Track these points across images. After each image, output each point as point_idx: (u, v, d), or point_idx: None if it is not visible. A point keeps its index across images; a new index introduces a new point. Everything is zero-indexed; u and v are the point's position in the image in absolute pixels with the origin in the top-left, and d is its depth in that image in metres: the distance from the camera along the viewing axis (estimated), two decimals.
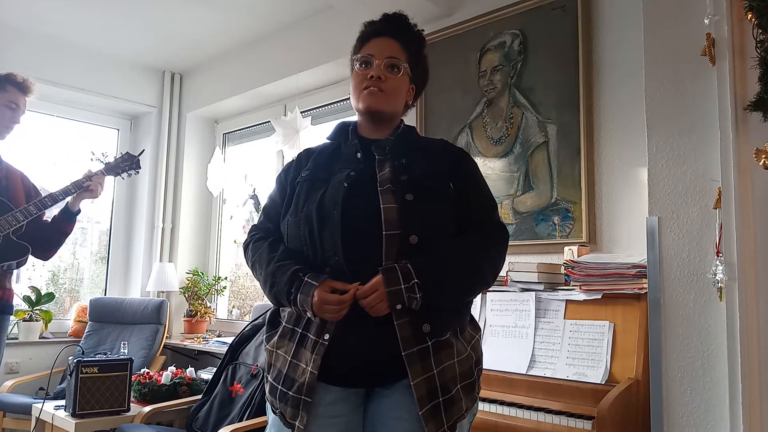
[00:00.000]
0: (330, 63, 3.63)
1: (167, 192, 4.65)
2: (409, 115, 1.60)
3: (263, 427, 2.49)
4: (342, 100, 3.89)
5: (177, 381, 3.20)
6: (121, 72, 4.53)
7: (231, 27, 3.97)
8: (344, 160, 1.43)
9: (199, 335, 4.15)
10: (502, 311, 2.28)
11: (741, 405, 1.56)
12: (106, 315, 4.08)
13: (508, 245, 1.45)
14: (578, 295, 2.09)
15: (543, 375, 2.05)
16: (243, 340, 3.03)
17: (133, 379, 3.07)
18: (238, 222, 4.59)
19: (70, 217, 2.64)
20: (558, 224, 2.62)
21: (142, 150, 3.07)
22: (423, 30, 1.54)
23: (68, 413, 2.84)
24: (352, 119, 1.53)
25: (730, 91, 1.63)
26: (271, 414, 1.38)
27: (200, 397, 2.96)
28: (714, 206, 1.67)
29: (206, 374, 3.41)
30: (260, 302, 3.75)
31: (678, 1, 1.80)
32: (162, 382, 3.16)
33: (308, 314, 1.30)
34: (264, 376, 1.51)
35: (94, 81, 4.37)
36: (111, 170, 2.76)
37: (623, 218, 2.44)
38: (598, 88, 2.56)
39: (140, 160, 2.88)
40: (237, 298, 4.63)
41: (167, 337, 4.06)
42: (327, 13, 3.67)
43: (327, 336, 1.29)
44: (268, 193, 1.54)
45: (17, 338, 3.97)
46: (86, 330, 4.05)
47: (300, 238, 1.35)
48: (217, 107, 4.55)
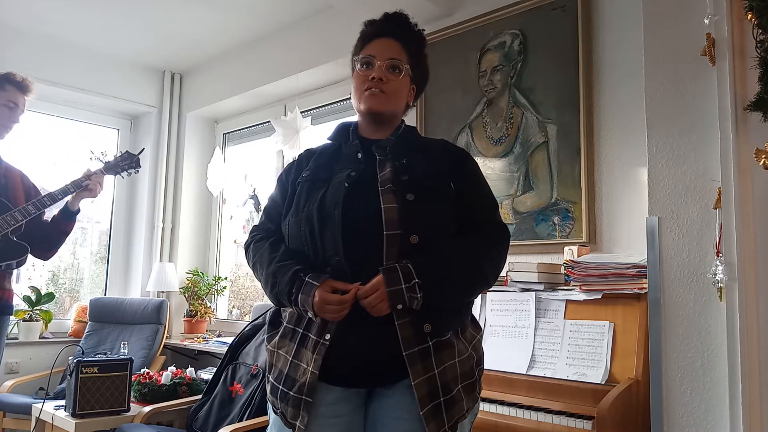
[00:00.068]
0: (330, 63, 3.64)
1: (167, 192, 4.65)
2: (410, 115, 1.60)
3: (263, 427, 2.49)
4: (342, 100, 3.88)
5: (177, 381, 3.20)
6: (121, 72, 4.53)
7: (231, 27, 3.97)
8: (345, 161, 1.43)
9: (199, 335, 4.15)
10: (502, 311, 2.28)
11: (741, 405, 1.56)
12: (106, 315, 4.08)
13: (509, 245, 1.45)
14: (578, 295, 2.09)
15: (543, 375, 2.05)
16: (243, 340, 3.03)
17: (133, 379, 3.07)
18: (238, 222, 4.59)
19: (70, 217, 2.64)
20: (558, 224, 2.62)
21: (142, 149, 3.06)
22: (423, 30, 1.54)
23: (68, 413, 2.84)
24: (353, 119, 1.53)
25: (730, 91, 1.63)
26: (272, 414, 1.38)
27: (200, 397, 2.96)
28: (714, 206, 1.67)
29: (206, 374, 3.41)
30: (260, 302, 3.75)
31: (678, 1, 1.80)
32: (162, 382, 3.16)
33: (309, 314, 1.30)
34: (265, 376, 1.51)
35: (94, 81, 4.37)
36: (110, 169, 2.75)
37: (623, 218, 2.44)
38: (598, 88, 2.56)
39: (140, 159, 2.87)
40: (237, 298, 4.63)
41: (167, 337, 4.06)
42: (327, 13, 3.67)
43: (328, 336, 1.29)
44: (269, 194, 1.54)
45: (17, 338, 3.97)
46: (86, 330, 4.05)
47: (301, 238, 1.35)
48: (217, 107, 4.55)
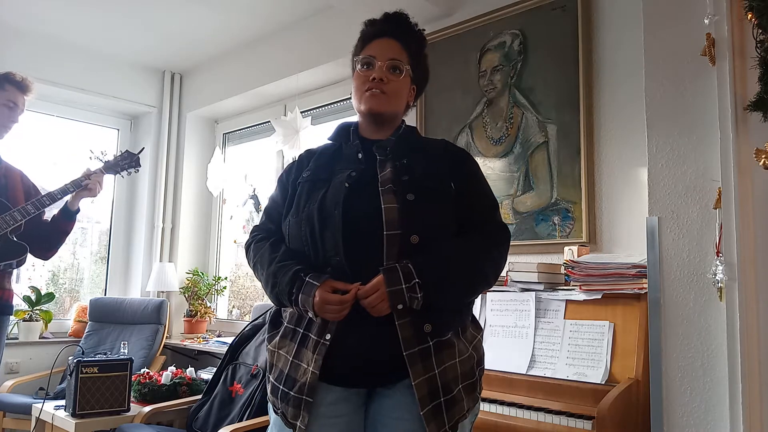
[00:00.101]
0: (330, 63, 3.63)
1: (167, 192, 4.65)
2: (410, 115, 1.60)
3: (263, 427, 2.49)
4: (342, 100, 3.88)
5: (177, 381, 3.20)
6: (121, 72, 4.53)
7: (231, 27, 3.97)
8: (345, 161, 1.43)
9: (199, 335, 4.15)
10: (502, 311, 2.28)
11: (741, 405, 1.56)
12: (106, 315, 4.08)
13: (509, 245, 1.45)
14: (578, 295, 2.09)
15: (543, 375, 2.05)
16: (243, 340, 3.03)
17: (133, 379, 3.07)
18: (238, 222, 4.59)
19: (70, 217, 2.63)
20: (558, 224, 2.62)
21: (142, 148, 3.05)
22: (424, 30, 1.54)
23: (68, 413, 2.84)
24: (353, 119, 1.53)
25: (730, 91, 1.63)
26: (273, 414, 1.38)
27: (200, 397, 2.96)
28: (714, 206, 1.67)
29: (206, 374, 3.41)
30: (260, 302, 3.75)
31: (678, 1, 1.80)
32: (162, 382, 3.16)
33: (310, 314, 1.30)
34: (265, 376, 1.51)
35: (94, 81, 4.37)
36: (110, 169, 2.74)
37: (623, 218, 2.44)
38: (598, 88, 2.56)
39: (140, 158, 2.86)
40: (237, 298, 4.63)
41: (167, 337, 4.06)
42: (327, 13, 3.67)
43: (328, 336, 1.29)
44: (270, 194, 1.54)
45: (17, 338, 3.96)
46: (86, 330, 4.05)
47: (301, 239, 1.35)
48: (217, 107, 4.55)
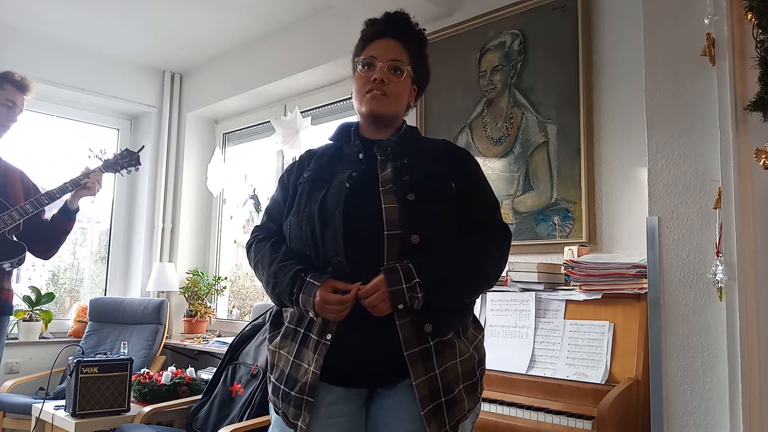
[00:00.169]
0: (330, 63, 3.63)
1: (167, 192, 4.65)
2: (410, 116, 1.60)
3: (263, 427, 2.49)
4: (342, 100, 3.89)
5: (177, 381, 3.20)
6: (121, 72, 4.53)
7: (231, 27, 3.97)
8: (346, 161, 1.43)
9: (199, 335, 4.15)
10: (502, 311, 2.28)
11: (741, 405, 1.56)
12: (106, 315, 4.08)
13: (510, 245, 1.45)
14: (578, 295, 2.09)
15: (543, 375, 2.05)
16: (243, 340, 3.03)
17: (133, 379, 3.07)
18: (238, 222, 4.59)
19: (69, 216, 2.61)
20: (558, 224, 2.62)
21: (142, 146, 3.03)
22: (425, 30, 1.54)
23: (68, 413, 2.84)
24: (352, 119, 1.53)
25: (730, 91, 1.64)
26: (274, 414, 1.38)
27: (200, 397, 2.96)
28: (714, 206, 1.67)
29: (206, 374, 3.41)
30: (260, 302, 3.75)
31: (678, 1, 1.80)
32: (162, 382, 3.16)
33: (310, 314, 1.31)
34: (266, 376, 1.51)
35: (94, 81, 4.37)
36: (109, 167, 2.72)
37: (623, 218, 2.44)
38: (598, 88, 2.56)
39: (140, 156, 2.84)
40: (237, 298, 4.63)
41: (167, 337, 4.06)
42: (327, 13, 3.67)
43: (329, 336, 1.29)
44: (271, 195, 1.54)
45: (17, 338, 3.96)
46: (86, 330, 4.05)
47: (302, 239, 1.35)
48: (217, 107, 4.55)
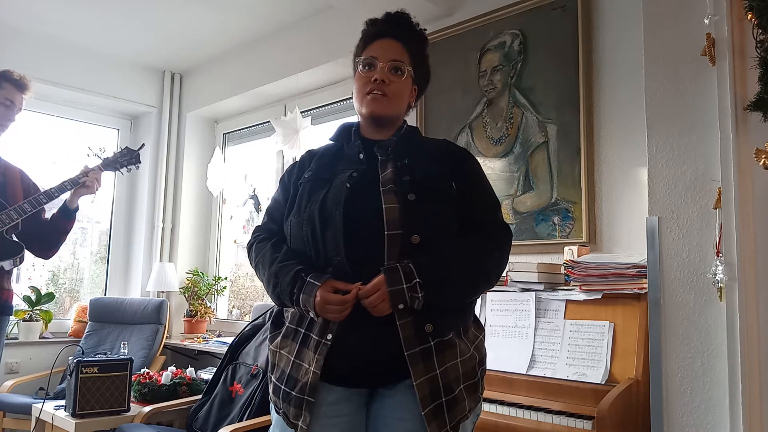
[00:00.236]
0: (330, 63, 3.63)
1: (167, 192, 4.65)
2: (410, 116, 1.59)
3: (263, 427, 2.49)
4: (342, 100, 3.89)
5: (177, 381, 3.20)
6: (121, 72, 4.53)
7: (231, 27, 3.97)
8: (347, 161, 1.43)
9: (199, 335, 4.15)
10: (502, 311, 2.28)
11: (741, 405, 1.56)
12: (106, 315, 4.08)
13: (511, 245, 1.45)
14: (578, 295, 2.09)
15: (543, 375, 2.05)
16: (243, 340, 3.03)
17: (133, 379, 3.07)
18: (238, 222, 4.59)
19: (69, 215, 2.59)
20: (558, 224, 2.62)
21: (142, 144, 3.01)
22: (425, 30, 1.54)
23: (68, 413, 2.84)
24: (353, 119, 1.53)
25: (730, 91, 1.64)
26: (275, 414, 1.38)
27: (200, 397, 2.96)
28: (714, 206, 1.67)
29: (206, 374, 3.41)
30: (260, 302, 3.75)
31: (678, 1, 1.80)
32: (162, 382, 3.17)
33: (311, 314, 1.31)
34: (266, 376, 1.51)
35: (94, 81, 4.37)
36: (109, 165, 2.70)
37: (623, 218, 2.44)
38: (598, 88, 2.56)
39: (140, 155, 2.82)
40: (237, 298, 4.63)
41: (167, 337, 4.06)
42: (327, 13, 3.67)
43: (330, 336, 1.29)
44: (272, 195, 1.54)
45: (17, 338, 3.96)
46: (86, 330, 4.05)
47: (303, 239, 1.35)
48: (217, 107, 4.55)
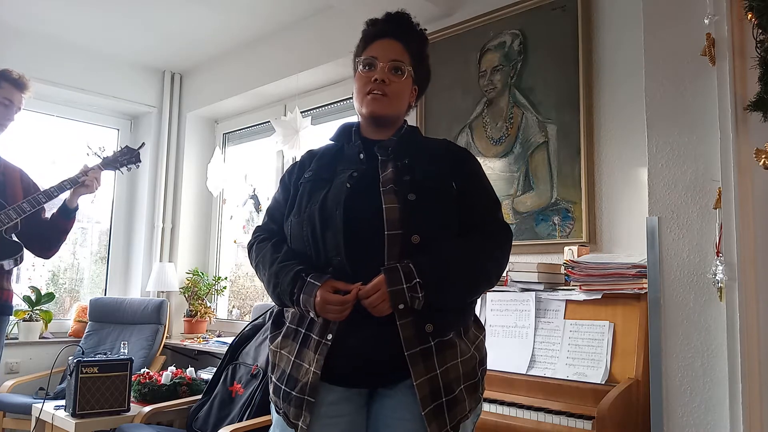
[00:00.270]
0: (330, 63, 3.63)
1: (167, 192, 4.65)
2: (410, 116, 1.60)
3: (263, 427, 2.49)
4: (342, 100, 3.89)
5: (177, 381, 3.20)
6: (121, 72, 4.53)
7: (231, 27, 3.97)
8: (347, 161, 1.43)
9: (199, 335, 4.15)
10: (502, 311, 2.28)
11: (741, 405, 1.56)
12: (106, 315, 4.08)
13: (511, 245, 1.45)
14: (578, 295, 2.09)
15: (543, 375, 2.05)
16: (243, 340, 3.03)
17: (133, 379, 3.07)
18: (238, 222, 4.59)
19: (68, 215, 2.58)
20: (558, 224, 2.62)
21: (142, 143, 3.01)
22: (426, 30, 1.54)
23: (68, 413, 2.84)
24: (352, 119, 1.53)
25: (730, 91, 1.64)
26: (275, 414, 1.38)
27: (200, 397, 2.96)
28: (714, 206, 1.67)
29: (206, 374, 3.41)
30: (260, 302, 3.75)
31: (678, 1, 1.80)
32: (162, 382, 3.17)
33: (311, 314, 1.31)
34: (266, 376, 1.51)
35: (94, 81, 4.37)
36: (109, 164, 2.69)
37: (623, 218, 2.44)
38: (598, 88, 2.56)
39: (140, 154, 2.81)
40: (237, 298, 4.63)
41: (167, 337, 4.06)
42: (327, 13, 3.67)
43: (330, 336, 1.29)
44: (272, 195, 1.54)
45: (17, 338, 3.96)
46: (86, 330, 4.05)
47: (303, 239, 1.35)
48: (217, 107, 4.55)
